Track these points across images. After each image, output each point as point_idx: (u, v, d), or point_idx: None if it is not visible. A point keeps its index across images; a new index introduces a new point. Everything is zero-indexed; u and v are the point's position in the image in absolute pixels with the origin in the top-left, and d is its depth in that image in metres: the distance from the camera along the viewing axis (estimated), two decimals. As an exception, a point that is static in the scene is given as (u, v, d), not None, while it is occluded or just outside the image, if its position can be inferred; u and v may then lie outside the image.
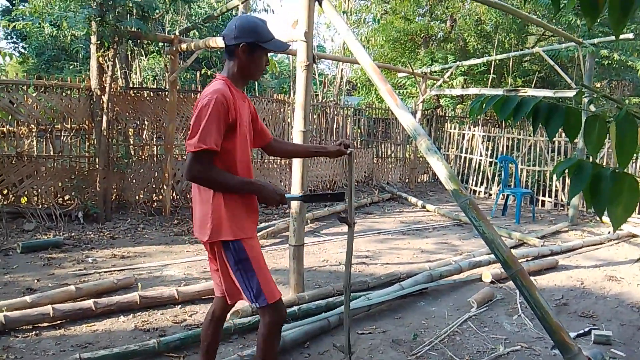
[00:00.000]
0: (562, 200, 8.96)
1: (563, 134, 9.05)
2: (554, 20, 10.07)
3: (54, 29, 5.99)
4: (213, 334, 2.46)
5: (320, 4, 3.91)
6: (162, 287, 4.10)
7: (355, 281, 4.27)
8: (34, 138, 5.98)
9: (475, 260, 4.96)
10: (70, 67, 14.89)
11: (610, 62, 9.72)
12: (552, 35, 12.24)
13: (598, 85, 13.27)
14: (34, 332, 3.23)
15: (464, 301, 4.12)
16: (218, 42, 5.04)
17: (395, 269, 4.79)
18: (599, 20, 9.21)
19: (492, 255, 5.16)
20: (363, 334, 3.48)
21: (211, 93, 2.05)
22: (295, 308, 3.62)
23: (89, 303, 3.52)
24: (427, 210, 8.21)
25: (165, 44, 6.48)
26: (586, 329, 3.64)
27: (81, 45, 10.48)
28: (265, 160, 8.35)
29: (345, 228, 2.46)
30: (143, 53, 8.79)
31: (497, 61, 10.20)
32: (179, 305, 3.82)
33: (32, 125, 5.92)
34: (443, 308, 4.00)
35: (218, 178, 2.07)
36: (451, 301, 4.16)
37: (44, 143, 6.07)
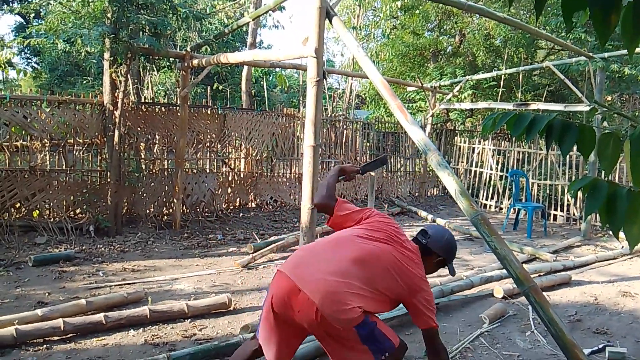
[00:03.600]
0: (574, 214, 8.87)
1: (575, 148, 8.98)
2: (563, 35, 10.06)
3: (67, 45, 6.09)
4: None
5: (330, 21, 3.95)
6: (172, 301, 4.10)
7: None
8: (47, 152, 6.05)
9: (487, 275, 4.92)
10: (83, 82, 15.10)
11: (620, 76, 9.67)
12: (562, 49, 12.21)
13: (609, 98, 13.19)
14: (44, 346, 3.25)
15: (475, 317, 4.08)
16: (229, 58, 5.09)
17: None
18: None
19: (504, 271, 5.12)
20: (373, 350, 3.45)
21: (427, 285, 2.43)
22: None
23: (100, 317, 3.53)
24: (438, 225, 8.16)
25: (177, 60, 6.56)
26: (600, 346, 3.58)
27: (94, 61, 10.65)
28: (275, 175, 8.37)
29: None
30: (155, 68, 8.91)
31: (506, 75, 10.20)
32: (189, 320, 3.82)
33: (45, 140, 6.00)
34: (454, 324, 3.96)
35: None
36: (463, 317, 4.12)
37: (57, 157, 6.14)
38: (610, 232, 7.72)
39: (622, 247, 6.72)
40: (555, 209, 9.14)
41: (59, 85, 15.86)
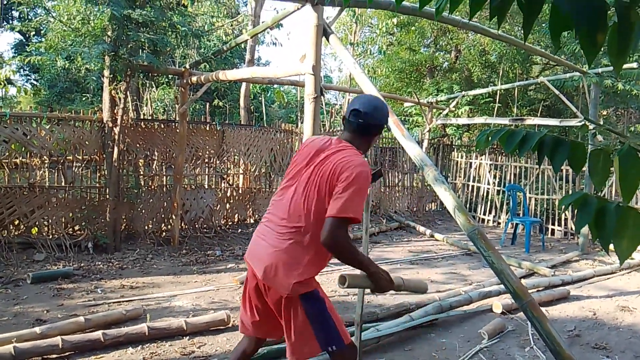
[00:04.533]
0: (571, 229, 8.89)
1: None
2: (551, 48, 10.17)
3: (66, 62, 6.15)
4: None
5: (327, 39, 4.01)
6: (171, 318, 4.09)
7: (364, 312, 4.22)
8: (46, 169, 6.07)
9: (486, 290, 4.91)
10: (83, 99, 15.18)
11: (615, 91, 9.78)
12: (557, 65, 12.36)
13: (604, 113, 13.31)
14: (43, 364, 3.23)
15: (474, 332, 4.07)
16: (228, 75, 5.15)
17: (404, 299, 4.74)
18: (602, 50, 9.35)
19: (502, 286, 5.13)
20: (373, 366, 3.44)
21: (364, 166, 2.14)
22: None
23: (98, 334, 3.52)
24: (436, 239, 8.18)
25: (176, 77, 6.62)
26: (600, 361, 3.58)
27: (93, 78, 10.72)
28: (274, 190, 8.40)
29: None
30: (154, 85, 8.98)
31: (502, 91, 10.31)
32: (188, 337, 3.80)
33: (45, 157, 6.02)
34: (454, 340, 3.95)
35: (352, 248, 2.11)
36: (462, 332, 4.12)
37: (56, 174, 6.16)
38: (610, 247, 7.74)
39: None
40: (553, 224, 9.16)
41: (58, 102, 15.93)
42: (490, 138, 1.46)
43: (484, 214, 10.33)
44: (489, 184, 10.30)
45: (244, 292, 2.41)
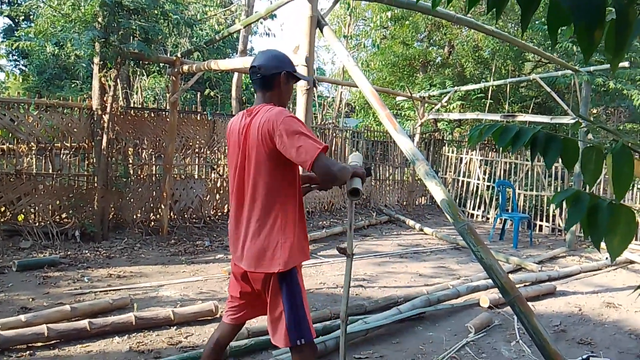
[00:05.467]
0: (559, 225, 8.97)
1: (559, 160, 9.10)
2: (544, 46, 10.21)
3: (56, 48, 6.06)
4: None
5: (321, 30, 3.98)
6: (158, 308, 4.07)
7: (352, 304, 4.25)
8: (34, 156, 5.99)
9: (474, 285, 4.95)
10: (72, 85, 14.99)
11: (606, 89, 9.84)
12: (549, 62, 12.41)
13: (594, 111, 13.41)
14: (28, 352, 3.20)
15: (461, 326, 4.10)
16: (220, 65, 5.11)
17: (392, 292, 4.77)
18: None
19: (490, 280, 5.17)
20: (360, 359, 3.45)
21: (285, 111, 2.11)
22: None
23: (84, 323, 3.49)
24: (425, 234, 8.21)
25: (167, 65, 6.55)
26: (584, 357, 3.61)
27: (83, 65, 10.61)
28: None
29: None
30: (144, 73, 8.86)
31: (494, 87, 10.34)
32: (175, 327, 3.79)
33: (32, 144, 5.94)
34: (441, 333, 3.97)
35: (341, 173, 2.11)
36: (449, 326, 4.14)
37: (43, 161, 6.08)
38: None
39: (606, 258, 6.81)
40: (541, 220, 9.24)
41: (46, 88, 15.71)
42: (483, 133, 1.45)
43: (473, 209, 10.39)
44: (478, 179, 10.36)
45: (231, 282, 2.41)
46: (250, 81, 2.31)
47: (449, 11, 5.14)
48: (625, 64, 7.26)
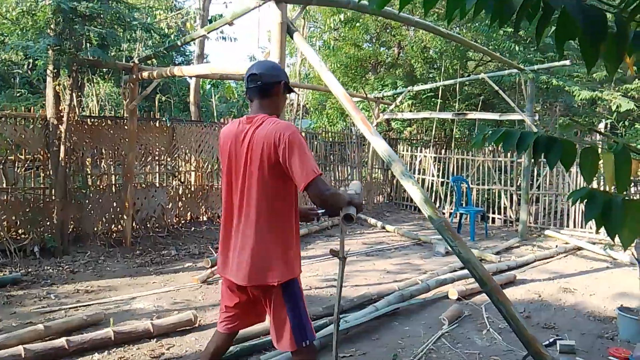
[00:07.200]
0: (510, 217, 9.42)
1: (509, 154, 9.59)
2: (490, 47, 10.69)
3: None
4: None
5: (291, 36, 4.04)
6: (135, 321, 4.00)
7: (329, 305, 4.34)
8: (-15, 170, 5.70)
9: (442, 278, 5.16)
10: (7, 93, 14.23)
11: (547, 86, 10.42)
12: (490, 61, 12.99)
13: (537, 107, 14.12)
14: (5, 376, 3.08)
15: (435, 319, 4.27)
16: (184, 71, 5.06)
17: (365, 290, 4.88)
18: (534, 48, 9.80)
19: (456, 273, 5.40)
20: (344, 357, 3.54)
21: (292, 126, 2.16)
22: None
23: (61, 342, 3.39)
24: (387, 231, 8.41)
25: (123, 72, 6.39)
26: (551, 340, 3.86)
27: (19, 71, 10.14)
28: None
29: (327, 254, 2.52)
30: (99, 80, 8.55)
31: (443, 86, 10.73)
32: (155, 339, 3.74)
33: (-16, 157, 5.65)
34: (417, 327, 4.13)
35: (335, 199, 2.15)
36: (423, 319, 4.31)
37: (-4, 175, 5.79)
38: (545, 233, 8.32)
39: (556, 246, 7.24)
40: (494, 213, 9.67)
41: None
42: (487, 138, 1.57)
43: (429, 205, 10.70)
44: (433, 176, 10.70)
45: (223, 294, 2.41)
46: (244, 89, 2.33)
47: (409, 15, 5.32)
48: (567, 62, 7.74)
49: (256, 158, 2.14)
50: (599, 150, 1.38)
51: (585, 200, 1.23)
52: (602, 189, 3.95)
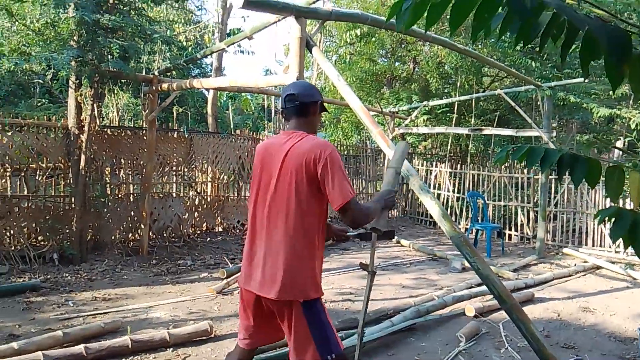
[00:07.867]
0: (527, 233, 9.32)
1: (526, 170, 9.52)
2: (506, 62, 10.67)
3: (11, 65, 5.90)
4: None
5: (310, 51, 4.09)
6: (152, 330, 4.02)
7: (345, 318, 4.33)
8: (8, 178, 5.81)
9: (458, 294, 5.10)
10: (28, 102, 14.52)
11: (564, 103, 10.36)
12: (506, 76, 12.97)
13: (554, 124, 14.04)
14: (24, 382, 3.11)
15: (452, 335, 4.23)
16: (204, 83, 5.13)
17: (381, 305, 4.86)
18: (550, 64, 9.75)
19: (473, 290, 5.35)
20: (360, 372, 3.51)
21: (331, 144, 2.23)
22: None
23: (80, 348, 3.43)
24: (402, 245, 8.37)
25: (143, 84, 6.51)
26: (571, 360, 3.80)
27: (39, 81, 10.33)
28: (242, 198, 8.36)
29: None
30: (120, 90, 8.72)
31: (459, 101, 10.73)
32: (171, 348, 3.76)
33: (7, 165, 5.76)
34: (433, 343, 4.09)
35: (367, 215, 2.27)
36: (439, 336, 4.26)
37: (18, 183, 5.90)
38: (564, 251, 8.21)
39: (575, 264, 7.13)
40: (510, 229, 9.58)
41: (1, 107, 15.16)
42: (510, 155, 1.58)
43: (444, 220, 10.63)
44: (448, 191, 10.65)
45: (241, 309, 2.42)
46: (282, 107, 2.40)
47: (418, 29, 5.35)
48: (580, 79, 7.71)
49: (294, 173, 2.17)
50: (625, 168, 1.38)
51: (613, 219, 1.23)
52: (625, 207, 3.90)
